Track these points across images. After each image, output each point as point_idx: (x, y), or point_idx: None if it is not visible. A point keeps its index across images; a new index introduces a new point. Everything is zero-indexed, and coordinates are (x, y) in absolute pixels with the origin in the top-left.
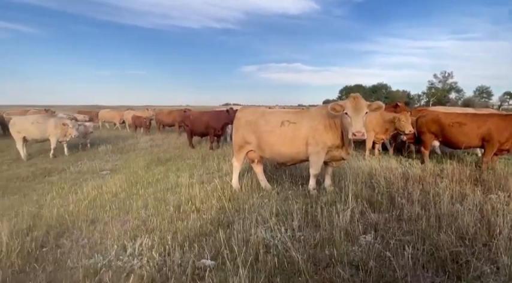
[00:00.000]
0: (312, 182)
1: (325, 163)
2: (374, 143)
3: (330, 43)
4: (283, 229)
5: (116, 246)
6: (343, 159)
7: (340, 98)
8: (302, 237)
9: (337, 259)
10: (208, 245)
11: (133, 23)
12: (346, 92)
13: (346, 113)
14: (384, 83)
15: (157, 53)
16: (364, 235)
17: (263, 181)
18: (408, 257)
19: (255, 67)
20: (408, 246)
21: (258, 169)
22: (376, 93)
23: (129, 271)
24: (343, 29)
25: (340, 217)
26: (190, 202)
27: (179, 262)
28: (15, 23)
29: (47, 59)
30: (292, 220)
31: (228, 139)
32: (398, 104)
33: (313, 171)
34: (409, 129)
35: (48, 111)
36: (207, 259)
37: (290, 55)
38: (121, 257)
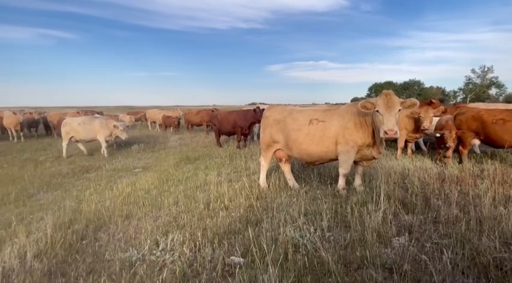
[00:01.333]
0: (341, 182)
1: (355, 162)
2: (407, 142)
3: (359, 39)
4: (312, 229)
5: (149, 241)
6: (374, 158)
7: (369, 95)
8: (332, 238)
9: (369, 261)
10: (237, 243)
11: (163, 26)
12: (376, 89)
13: (377, 111)
14: (417, 79)
15: (186, 55)
16: (397, 238)
17: (291, 180)
18: (446, 261)
19: (281, 66)
20: (446, 250)
21: (286, 168)
22: (408, 90)
23: (162, 265)
24: (372, 24)
25: (372, 218)
26: (219, 200)
27: (209, 258)
28: (59, 29)
29: (87, 63)
30: (322, 220)
31: (255, 138)
32: (433, 100)
33: (342, 170)
34: (424, 124)
35: (91, 112)
36: (237, 256)
37: (317, 53)
38: (154, 252)
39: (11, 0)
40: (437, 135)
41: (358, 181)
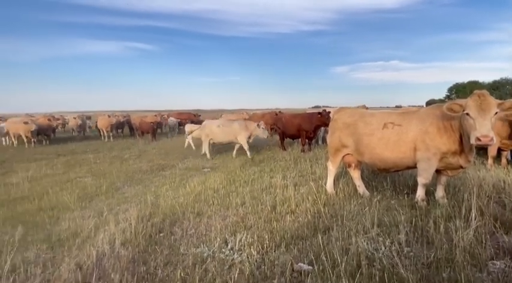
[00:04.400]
0: (420, 192)
1: (438, 171)
2: (500, 150)
3: (435, 35)
4: (387, 242)
5: (218, 239)
6: (461, 167)
7: (448, 97)
8: (411, 254)
9: None
10: (305, 249)
11: (230, 34)
12: (457, 90)
13: (467, 114)
14: (510, 77)
15: (251, 59)
16: (494, 261)
17: (361, 188)
18: None
19: (347, 67)
20: None
21: (356, 174)
22: (499, 90)
23: (231, 264)
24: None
25: (461, 235)
26: (285, 204)
27: (276, 262)
28: (141, 42)
29: (163, 71)
30: (398, 234)
31: (320, 141)
32: None
33: (422, 179)
34: None
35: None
36: (305, 263)
37: (386, 52)
38: (223, 250)
39: (101, 18)
40: None
41: (440, 192)
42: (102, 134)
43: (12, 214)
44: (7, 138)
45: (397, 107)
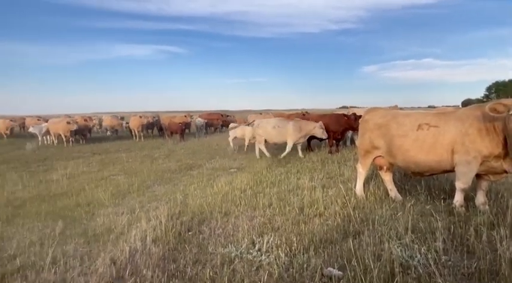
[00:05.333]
0: (458, 198)
1: (478, 176)
2: None
3: (472, 32)
4: (423, 249)
5: (246, 240)
6: (505, 172)
7: (487, 96)
8: (450, 263)
9: None
10: (335, 253)
11: (257, 35)
12: (497, 89)
13: None
14: None
15: (277, 60)
16: None
17: (392, 191)
18: None
19: (377, 66)
20: None
21: (387, 177)
22: None
23: (258, 265)
24: (489, 11)
25: (505, 245)
26: (313, 206)
27: (305, 265)
28: (171, 45)
29: (190, 73)
30: (435, 241)
31: (348, 143)
32: None
33: (460, 184)
34: None
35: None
36: (334, 268)
37: (419, 50)
38: (251, 251)
39: (135, 23)
40: None
41: (481, 198)
42: (133, 133)
43: (52, 209)
44: (48, 137)
45: (429, 107)
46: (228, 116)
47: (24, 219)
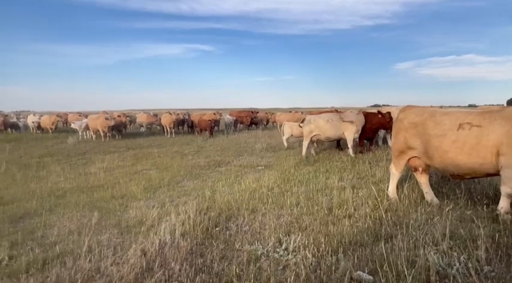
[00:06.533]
0: (504, 204)
1: None
2: None
3: None
4: (462, 258)
5: (272, 238)
6: None
7: None
8: (493, 274)
9: None
10: (365, 257)
11: (288, 32)
12: None
13: None
14: None
15: (307, 58)
16: None
17: (429, 194)
18: None
19: (412, 63)
20: None
21: (423, 179)
22: None
23: (285, 265)
24: None
25: None
26: (342, 207)
27: (334, 268)
28: (202, 43)
29: (220, 71)
30: (476, 249)
31: (380, 142)
32: None
33: (506, 189)
34: None
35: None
36: (365, 272)
37: (459, 45)
38: (277, 250)
39: (169, 23)
40: None
41: None
42: (165, 130)
43: (90, 200)
44: (87, 132)
45: (470, 106)
46: (257, 112)
47: (65, 208)
